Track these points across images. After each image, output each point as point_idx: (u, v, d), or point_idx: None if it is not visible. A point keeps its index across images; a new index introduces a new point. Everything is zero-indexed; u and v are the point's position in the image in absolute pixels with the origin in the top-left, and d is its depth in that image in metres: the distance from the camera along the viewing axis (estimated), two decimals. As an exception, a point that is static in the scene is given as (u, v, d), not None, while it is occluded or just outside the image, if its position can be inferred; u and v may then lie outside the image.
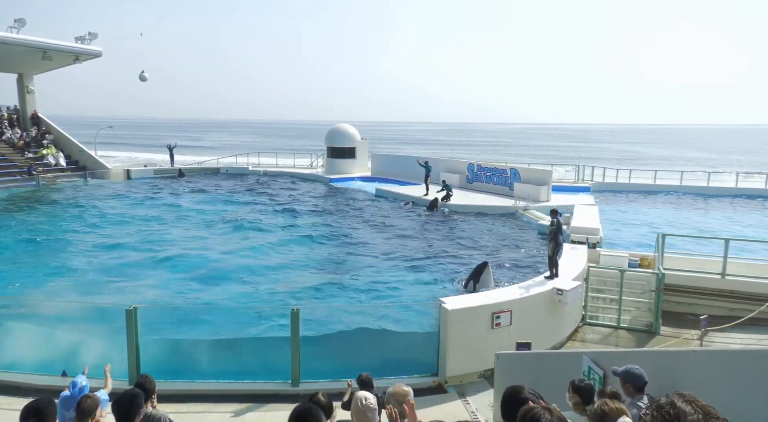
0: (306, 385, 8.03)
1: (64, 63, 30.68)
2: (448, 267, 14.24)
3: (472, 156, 56.94)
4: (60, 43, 29.00)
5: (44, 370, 8.14)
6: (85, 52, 30.05)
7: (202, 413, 7.34)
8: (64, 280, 13.03)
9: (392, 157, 33.67)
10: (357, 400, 3.96)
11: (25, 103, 32.43)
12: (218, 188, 28.33)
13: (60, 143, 31.82)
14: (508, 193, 23.75)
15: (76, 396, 4.38)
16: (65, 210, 22.06)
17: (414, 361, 8.89)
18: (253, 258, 15.28)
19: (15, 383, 7.86)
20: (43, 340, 8.87)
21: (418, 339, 9.21)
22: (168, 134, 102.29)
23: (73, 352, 8.50)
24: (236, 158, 39.21)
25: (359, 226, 19.38)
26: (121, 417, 3.60)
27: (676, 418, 1.68)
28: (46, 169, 28.85)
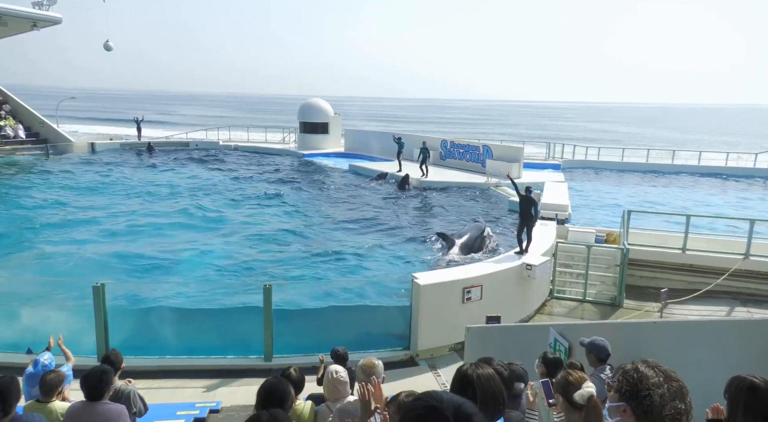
0: (279, 360, 8.08)
1: (21, 29, 29.12)
2: (420, 242, 14.37)
3: (446, 132, 57.00)
4: (16, 7, 27.38)
5: (8, 348, 7.95)
6: (43, 18, 28.52)
7: (173, 389, 7.32)
8: (26, 255, 12.66)
9: (366, 133, 33.40)
10: (328, 373, 4.01)
11: (-21, 72, 30.81)
12: (188, 163, 27.71)
13: (18, 114, 30.47)
14: (480, 169, 23.94)
15: (39, 373, 4.31)
16: (26, 183, 21.27)
17: (387, 335, 9.01)
18: (225, 234, 15.11)
19: (-22, 361, 7.67)
20: (7, 318, 8.64)
21: (391, 313, 9.33)
22: (134, 107, 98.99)
23: (38, 330, 8.32)
24: (206, 133, 38.30)
25: (332, 202, 19.32)
26: (89, 392, 3.56)
27: (639, 381, 1.82)
28: (4, 141, 27.68)
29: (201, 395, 7.19)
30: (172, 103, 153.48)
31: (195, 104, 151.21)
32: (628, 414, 1.81)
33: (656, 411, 1.76)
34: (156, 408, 4.99)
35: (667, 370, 1.86)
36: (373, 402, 2.69)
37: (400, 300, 9.39)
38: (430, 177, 22.58)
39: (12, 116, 29.89)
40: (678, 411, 1.77)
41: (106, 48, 31.56)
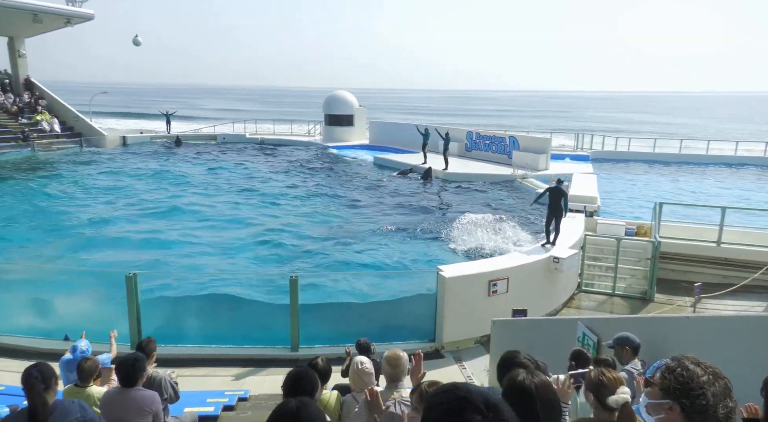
0: (305, 350, 8.18)
1: (55, 26, 29.95)
2: (445, 235, 14.30)
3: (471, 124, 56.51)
4: (50, 5, 28.20)
5: (47, 335, 8.25)
6: (76, 14, 29.27)
7: (203, 377, 7.49)
8: (61, 245, 13.07)
9: (391, 125, 33.34)
10: (354, 364, 4.04)
11: (17, 68, 31.81)
12: (216, 155, 28.14)
13: (54, 109, 31.39)
14: (506, 161, 23.65)
15: (77, 359, 4.46)
16: (62, 176, 21.93)
17: (412, 327, 9.03)
18: (251, 225, 15.31)
19: (19, 346, 7.98)
20: (47, 306, 8.96)
21: (416, 306, 9.33)
22: (163, 100, 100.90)
23: (75, 317, 8.61)
24: (233, 125, 38.79)
25: (357, 194, 19.36)
26: (123, 378, 3.67)
27: (690, 379, 1.75)
28: (40, 135, 28.55)
29: (230, 383, 7.34)
30: (199, 96, 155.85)
31: (222, 97, 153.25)
32: (676, 412, 1.75)
33: (710, 410, 1.71)
34: (186, 395, 5.11)
35: (713, 367, 1.81)
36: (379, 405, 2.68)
37: (425, 292, 9.38)
38: (456, 169, 22.42)
39: (48, 111, 30.81)
40: (730, 410, 1.73)
41: (134, 43, 32.16)
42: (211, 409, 5.82)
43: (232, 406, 6.18)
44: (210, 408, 5.85)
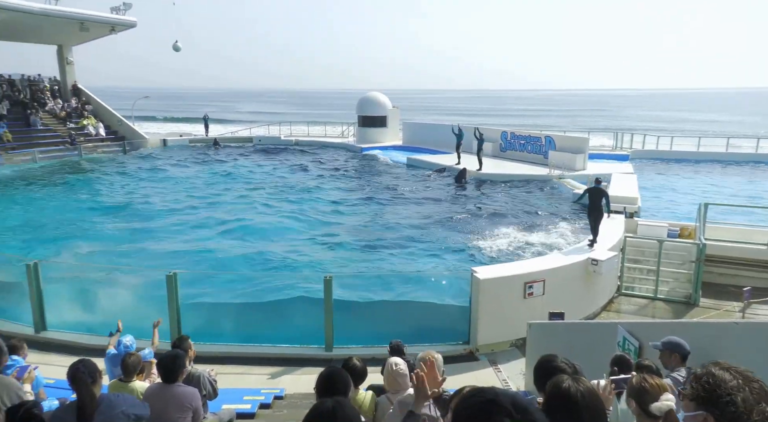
0: (339, 351, 8.23)
1: (100, 34, 31.16)
2: (479, 236, 14.16)
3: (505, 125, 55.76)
4: (96, 13, 29.41)
5: (93, 331, 8.57)
6: (120, 22, 30.41)
7: (240, 374, 7.63)
8: (108, 246, 13.55)
9: (424, 125, 33.24)
10: (388, 365, 4.03)
11: (65, 74, 33.22)
12: (251, 157, 28.68)
13: (99, 113, 32.62)
14: (542, 161, 23.23)
15: (121, 354, 4.61)
16: (107, 178, 22.78)
17: (446, 329, 8.97)
18: (286, 226, 15.52)
19: (67, 342, 8.32)
20: (93, 303, 9.31)
21: (450, 307, 9.27)
22: (202, 104, 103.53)
23: (120, 314, 8.90)
24: (268, 128, 39.46)
25: (390, 196, 19.38)
26: (165, 374, 3.77)
27: (716, 386, 1.68)
28: (86, 139, 29.72)
29: (266, 381, 7.45)
30: (236, 100, 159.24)
31: (257, 100, 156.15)
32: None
33: (743, 417, 1.63)
34: (224, 392, 5.21)
35: (744, 371, 1.71)
36: (428, 386, 2.65)
37: (459, 293, 9.30)
38: (490, 169, 22.16)
39: (94, 116, 32.05)
40: (766, 415, 1.63)
41: (174, 49, 33.12)
42: (248, 407, 5.92)
43: (269, 404, 6.27)
44: (247, 405, 5.95)
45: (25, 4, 25.60)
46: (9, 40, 32.10)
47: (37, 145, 26.58)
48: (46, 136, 28.57)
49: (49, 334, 8.55)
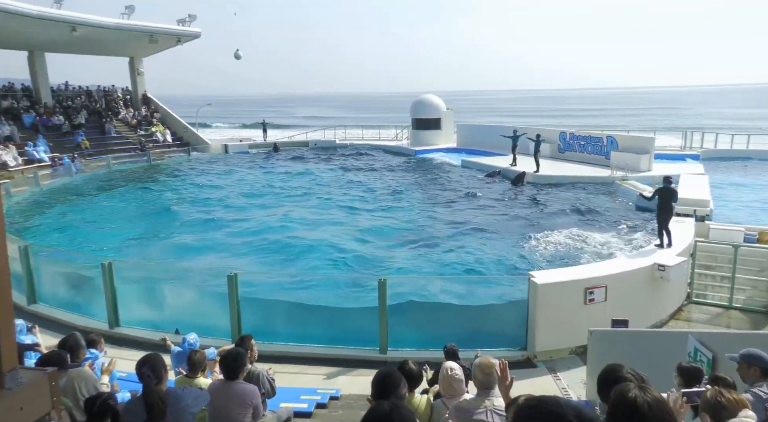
0: (393, 353, 8.23)
1: (167, 45, 32.89)
2: (536, 239, 13.79)
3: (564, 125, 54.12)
4: (164, 26, 31.11)
5: (160, 328, 9.01)
6: (185, 33, 31.98)
7: (296, 374, 7.78)
8: (175, 246, 14.23)
9: (478, 127, 32.81)
10: (444, 370, 3.99)
11: (136, 85, 35.26)
12: (307, 161, 29.30)
13: (166, 121, 34.39)
14: (604, 162, 22.36)
15: (186, 351, 4.82)
16: (173, 182, 23.96)
17: (502, 334, 8.79)
18: (341, 229, 15.72)
19: (138, 337, 8.79)
20: (160, 301, 9.79)
21: (506, 312, 9.07)
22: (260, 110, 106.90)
23: (184, 312, 9.34)
24: (324, 132, 40.21)
25: (444, 198, 19.25)
26: (227, 372, 3.91)
27: None
28: (155, 145, 31.37)
29: (321, 382, 7.56)
30: (292, 105, 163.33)
31: (314, 105, 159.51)
32: None
33: None
34: (281, 390, 5.33)
35: None
36: None
37: (516, 298, 9.09)
38: (548, 171, 21.57)
39: (161, 123, 33.82)
40: None
41: (236, 57, 34.39)
42: (304, 406, 6.03)
43: (324, 404, 6.36)
44: (304, 404, 6.06)
45: (102, 20, 27.43)
46: (87, 53, 34.50)
47: (111, 152, 28.32)
48: (119, 142, 30.40)
49: (122, 330, 9.06)
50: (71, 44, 29.02)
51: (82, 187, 22.66)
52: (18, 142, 25.09)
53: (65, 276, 10.71)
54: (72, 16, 25.79)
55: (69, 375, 3.89)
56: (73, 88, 34.12)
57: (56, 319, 9.49)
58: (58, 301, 10.16)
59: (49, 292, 10.38)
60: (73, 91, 33.85)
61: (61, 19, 25.30)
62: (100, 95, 34.51)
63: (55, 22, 25.11)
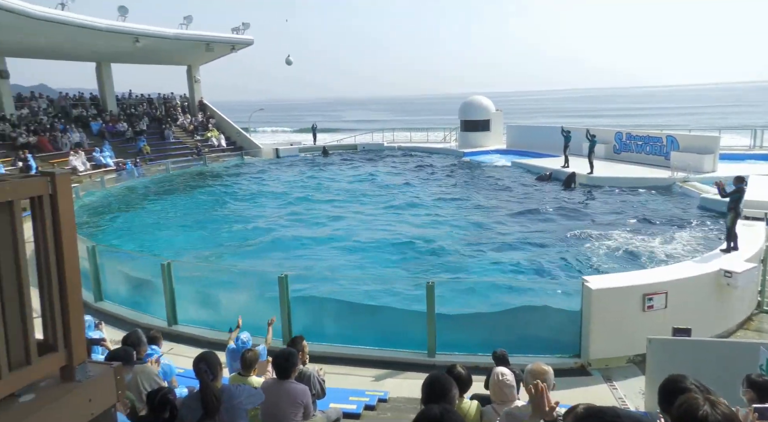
0: (442, 357, 8.16)
1: (223, 53, 34.11)
2: (590, 243, 13.34)
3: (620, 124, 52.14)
4: (220, 35, 32.31)
5: (215, 326, 9.32)
6: (239, 41, 33.07)
7: (345, 375, 7.85)
8: (229, 246, 14.70)
9: (529, 128, 32.18)
10: (494, 375, 3.92)
11: (193, 92, 36.76)
12: (357, 164, 29.59)
13: (221, 126, 35.63)
14: (663, 163, 21.38)
15: (240, 349, 4.96)
16: (228, 185, 24.78)
17: (554, 340, 8.54)
18: (388, 231, 15.77)
19: (194, 335, 9.13)
20: (215, 301, 10.14)
21: (558, 318, 8.81)
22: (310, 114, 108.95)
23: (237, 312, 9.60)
24: (372, 135, 40.49)
25: (494, 200, 18.95)
26: (279, 371, 3.99)
27: None
28: (210, 150, 32.56)
29: (369, 383, 7.59)
30: (341, 108, 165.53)
31: (361, 108, 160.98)
32: None
33: None
34: (330, 391, 5.39)
35: None
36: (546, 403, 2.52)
37: (568, 303, 8.82)
38: (602, 172, 20.83)
39: (216, 128, 35.06)
40: None
41: (287, 62, 35.26)
42: (353, 407, 6.08)
43: (373, 406, 6.39)
44: (353, 406, 6.11)
45: (162, 31, 28.80)
46: (148, 63, 36.26)
47: (169, 156, 29.61)
48: (177, 147, 31.74)
49: (179, 328, 9.43)
50: (134, 55, 30.60)
51: (143, 190, 23.82)
52: (86, 148, 26.67)
53: (128, 276, 11.28)
54: (135, 28, 27.22)
55: (134, 371, 4.09)
56: (136, 96, 35.95)
57: (120, 316, 10.01)
58: (121, 299, 10.72)
59: (114, 290, 10.95)
60: (135, 99, 35.66)
61: (126, 31, 26.73)
62: (160, 102, 36.20)
63: (121, 34, 26.56)
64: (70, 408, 1.87)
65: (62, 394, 1.87)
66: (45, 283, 1.91)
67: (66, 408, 1.86)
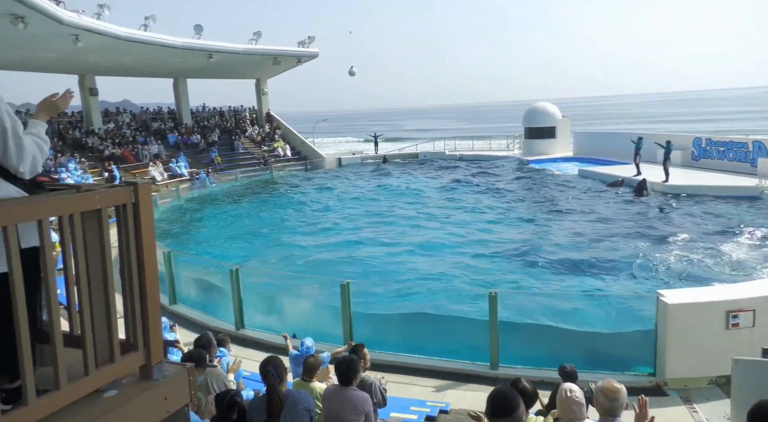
0: (505, 369, 7.95)
1: (289, 66, 35.35)
2: (664, 255, 12.58)
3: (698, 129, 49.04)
4: (287, 48, 33.53)
5: (279, 332, 9.56)
6: (305, 54, 34.15)
7: (406, 384, 7.81)
8: (289, 253, 15.10)
9: (598, 135, 30.92)
10: (562, 391, 3.76)
11: (261, 104, 38.28)
12: (417, 173, 29.60)
13: (287, 137, 36.81)
14: (749, 170, 19.87)
15: (303, 355, 5.06)
16: (293, 193, 25.53)
17: (626, 357, 8.10)
18: (451, 240, 15.61)
19: (259, 340, 9.42)
20: (279, 306, 10.42)
21: (631, 333, 8.36)
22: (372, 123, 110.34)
23: (300, 318, 9.84)
24: (433, 144, 40.41)
25: (559, 210, 18.32)
26: (341, 378, 4.03)
27: None
28: (276, 160, 33.70)
29: (430, 394, 7.50)
30: (402, 118, 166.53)
31: (423, 117, 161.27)
32: None
33: None
34: (391, 400, 5.37)
35: None
36: None
37: (641, 318, 8.35)
38: (678, 180, 19.65)
39: (282, 139, 36.27)
40: None
41: (350, 73, 35.93)
42: (414, 417, 6.03)
43: (434, 417, 6.30)
44: (413, 416, 6.06)
45: (233, 46, 30.30)
46: (219, 77, 38.15)
47: (238, 166, 30.93)
48: (246, 158, 33.10)
49: (246, 332, 9.77)
50: (208, 70, 32.34)
51: (214, 199, 24.99)
52: (164, 159, 28.38)
53: (199, 280, 11.83)
54: (209, 45, 28.79)
55: (205, 373, 4.27)
56: (209, 110, 37.90)
57: (192, 319, 10.50)
58: (192, 302, 11.25)
59: (186, 294, 11.52)
60: (208, 111, 37.59)
61: (200, 48, 28.33)
62: (230, 115, 37.96)
63: (196, 50, 28.17)
64: (148, 406, 1.98)
65: (141, 391, 1.98)
66: (127, 286, 2.03)
67: (144, 405, 1.96)
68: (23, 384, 1.67)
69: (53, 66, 26.50)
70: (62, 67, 27.12)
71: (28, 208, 1.72)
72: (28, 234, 1.83)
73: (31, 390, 1.67)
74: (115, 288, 2.00)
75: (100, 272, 1.92)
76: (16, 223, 1.65)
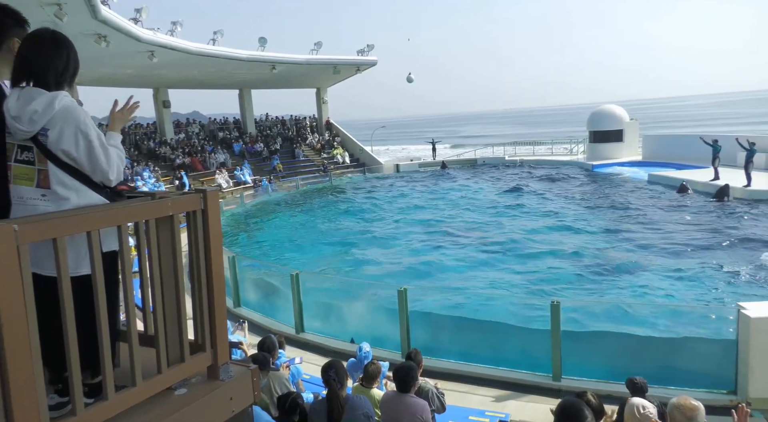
0: (568, 381, 7.66)
1: (348, 74, 35.98)
2: (747, 266, 11.70)
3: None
4: (346, 57, 34.18)
5: (337, 336, 9.70)
6: (364, 62, 34.65)
7: (464, 393, 7.68)
8: (347, 259, 15.29)
9: (669, 137, 29.32)
10: (632, 408, 3.58)
11: (321, 112, 39.17)
12: (478, 178, 29.22)
13: (346, 144, 37.43)
14: None
15: (362, 360, 5.10)
16: (352, 199, 25.89)
17: (701, 373, 7.58)
18: (510, 247, 15.26)
19: (319, 343, 9.59)
20: (337, 311, 10.57)
21: (708, 347, 7.82)
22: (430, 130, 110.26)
23: (358, 323, 9.93)
24: (492, 149, 39.77)
25: (627, 217, 17.49)
26: (399, 384, 4.03)
27: None
28: (335, 167, 34.32)
29: (489, 404, 7.34)
30: (461, 123, 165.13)
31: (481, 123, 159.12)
32: None
33: None
34: (450, 409, 5.30)
35: None
36: None
37: (719, 331, 7.81)
38: (763, 185, 18.25)
39: (341, 146, 36.92)
40: None
41: (408, 80, 36.09)
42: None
43: (494, 428, 6.17)
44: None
45: (295, 57, 31.25)
46: (282, 87, 39.43)
47: (299, 173, 31.75)
48: (306, 165, 33.94)
49: (306, 336, 9.97)
50: (270, 80, 33.49)
51: (277, 205, 25.77)
52: (229, 167, 29.61)
53: (262, 284, 12.21)
54: (272, 56, 29.84)
55: (268, 375, 4.40)
56: (272, 119, 39.20)
57: (254, 321, 10.83)
58: (254, 305, 11.63)
59: (249, 297, 11.92)
60: (271, 121, 38.89)
61: (264, 60, 29.42)
62: (292, 123, 39.09)
63: (260, 62, 29.28)
64: (215, 405, 2.06)
65: (209, 391, 2.07)
66: (196, 288, 2.13)
67: (212, 404, 2.05)
68: (103, 379, 1.78)
69: (131, 81, 28.36)
70: (139, 82, 28.98)
71: (109, 215, 1.85)
72: (108, 239, 1.96)
73: (111, 385, 1.79)
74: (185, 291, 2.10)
75: (172, 275, 2.03)
76: (98, 229, 1.78)
